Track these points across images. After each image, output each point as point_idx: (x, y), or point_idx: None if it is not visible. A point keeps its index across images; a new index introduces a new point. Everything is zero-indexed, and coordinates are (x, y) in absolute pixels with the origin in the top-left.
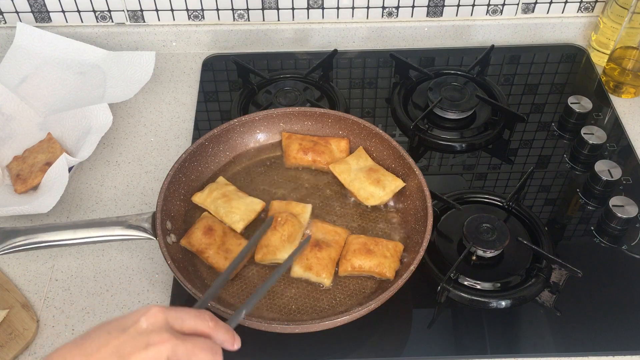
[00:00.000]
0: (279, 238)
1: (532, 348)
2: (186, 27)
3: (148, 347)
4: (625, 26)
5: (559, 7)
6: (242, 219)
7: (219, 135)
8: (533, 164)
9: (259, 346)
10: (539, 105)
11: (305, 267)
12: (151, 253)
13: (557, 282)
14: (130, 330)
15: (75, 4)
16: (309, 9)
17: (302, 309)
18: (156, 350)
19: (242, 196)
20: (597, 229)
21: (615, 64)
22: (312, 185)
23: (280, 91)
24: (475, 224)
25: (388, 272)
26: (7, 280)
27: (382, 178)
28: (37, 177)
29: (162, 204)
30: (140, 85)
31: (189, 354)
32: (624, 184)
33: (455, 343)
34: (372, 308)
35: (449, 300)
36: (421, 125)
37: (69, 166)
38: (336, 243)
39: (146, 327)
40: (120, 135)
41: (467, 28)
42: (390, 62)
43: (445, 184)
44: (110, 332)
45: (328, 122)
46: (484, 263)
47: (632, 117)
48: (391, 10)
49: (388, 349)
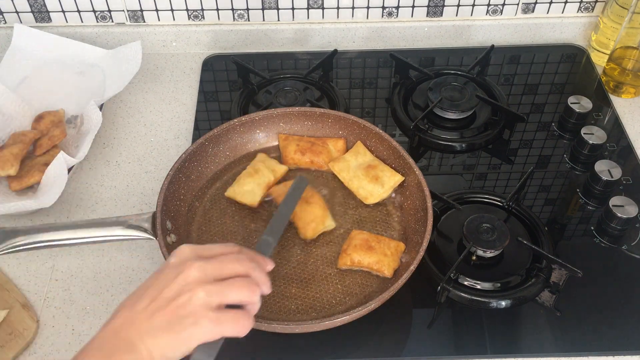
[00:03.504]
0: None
1: (532, 348)
2: (186, 27)
3: (178, 275)
4: (625, 26)
5: (559, 7)
6: None
7: (219, 135)
8: (533, 164)
9: (259, 346)
10: (539, 105)
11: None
12: (151, 253)
13: (557, 282)
14: (164, 269)
15: (75, 4)
16: (309, 9)
17: (302, 309)
18: (185, 275)
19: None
20: (597, 229)
21: (615, 64)
22: (312, 185)
23: (280, 91)
24: (475, 224)
25: (387, 270)
26: (7, 280)
27: (381, 174)
28: (33, 176)
29: (162, 204)
30: (129, 77)
31: (217, 272)
32: (624, 184)
33: (455, 343)
34: (372, 308)
35: (449, 300)
36: (421, 125)
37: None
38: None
39: (174, 261)
40: (120, 135)
41: (467, 28)
42: (390, 62)
43: (445, 184)
44: (150, 279)
45: (328, 122)
46: (484, 263)
47: (632, 117)
48: (391, 10)
49: (388, 349)
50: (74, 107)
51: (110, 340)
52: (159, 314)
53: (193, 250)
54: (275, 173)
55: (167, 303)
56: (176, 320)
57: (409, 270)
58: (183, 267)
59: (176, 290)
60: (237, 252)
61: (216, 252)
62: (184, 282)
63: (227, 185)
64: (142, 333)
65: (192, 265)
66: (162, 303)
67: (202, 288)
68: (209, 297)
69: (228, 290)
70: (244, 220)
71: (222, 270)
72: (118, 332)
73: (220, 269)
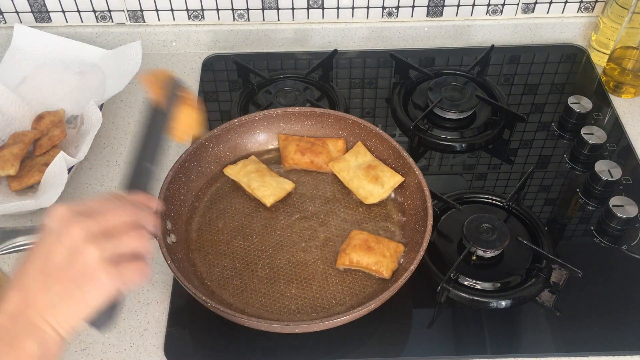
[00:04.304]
0: None
1: (532, 348)
2: (186, 27)
3: (61, 238)
4: (625, 26)
5: (559, 7)
6: (273, 194)
7: (219, 135)
8: (533, 164)
9: (259, 346)
10: (539, 105)
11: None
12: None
13: (557, 282)
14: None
15: (75, 4)
16: (309, 9)
17: (302, 309)
18: (69, 236)
19: (274, 175)
20: (597, 229)
21: (615, 64)
22: (313, 186)
23: (280, 91)
24: (475, 224)
25: (385, 271)
26: (7, 280)
27: (381, 174)
28: (33, 176)
29: (162, 204)
30: (130, 77)
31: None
32: (624, 184)
33: (455, 343)
34: (372, 308)
35: (449, 300)
36: (421, 125)
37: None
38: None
39: (51, 225)
40: (120, 135)
41: (467, 28)
42: (390, 62)
43: (445, 184)
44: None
45: (328, 122)
46: (484, 263)
47: (632, 117)
48: (391, 10)
49: (388, 349)
50: (74, 107)
51: (8, 329)
52: (54, 285)
53: (69, 208)
54: None
55: (59, 270)
56: (74, 286)
57: (409, 270)
58: (64, 228)
59: (65, 254)
60: (117, 199)
61: (94, 205)
62: (69, 243)
63: (227, 185)
64: (40, 310)
65: (73, 224)
66: (53, 272)
67: (92, 244)
68: (101, 251)
69: (117, 241)
70: (244, 221)
71: (106, 223)
72: (15, 318)
73: (103, 221)
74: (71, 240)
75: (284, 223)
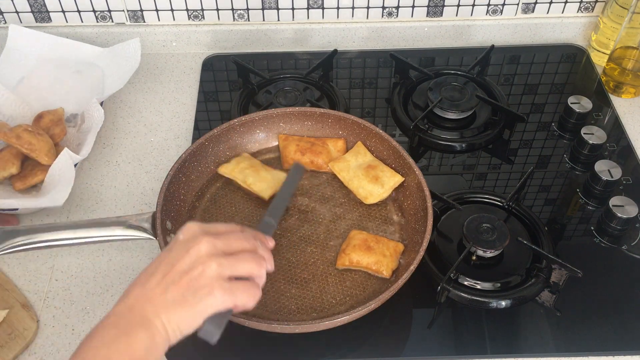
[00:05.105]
0: None
1: (532, 348)
2: (186, 27)
3: (189, 249)
4: (625, 26)
5: (559, 7)
6: (270, 187)
7: (219, 135)
8: (533, 164)
9: (259, 346)
10: (539, 105)
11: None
12: (151, 253)
13: (557, 282)
14: (173, 246)
15: (75, 4)
16: (309, 9)
17: (302, 309)
18: (196, 249)
19: (269, 169)
20: (597, 229)
21: (615, 64)
22: (313, 186)
23: (280, 91)
24: (475, 224)
25: (385, 271)
26: (7, 280)
27: (381, 174)
28: (36, 175)
29: (162, 204)
30: (129, 75)
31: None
32: (624, 184)
33: (455, 343)
34: (372, 308)
35: (449, 300)
36: (421, 125)
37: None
38: None
39: (183, 237)
40: (120, 135)
41: (467, 28)
42: (390, 62)
43: (445, 184)
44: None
45: (328, 122)
46: (484, 263)
47: (632, 117)
48: (391, 10)
49: (388, 349)
50: (73, 106)
51: (125, 317)
52: (173, 288)
53: (200, 227)
54: None
55: (181, 276)
56: (190, 293)
57: (409, 270)
58: (193, 242)
59: (189, 263)
60: (240, 230)
61: (221, 229)
62: (195, 255)
63: (227, 185)
64: (156, 308)
65: (202, 239)
66: (175, 277)
67: (214, 260)
68: (221, 268)
69: (238, 262)
70: (244, 221)
71: (230, 245)
72: (132, 308)
73: (228, 244)
74: (197, 252)
75: (283, 223)
